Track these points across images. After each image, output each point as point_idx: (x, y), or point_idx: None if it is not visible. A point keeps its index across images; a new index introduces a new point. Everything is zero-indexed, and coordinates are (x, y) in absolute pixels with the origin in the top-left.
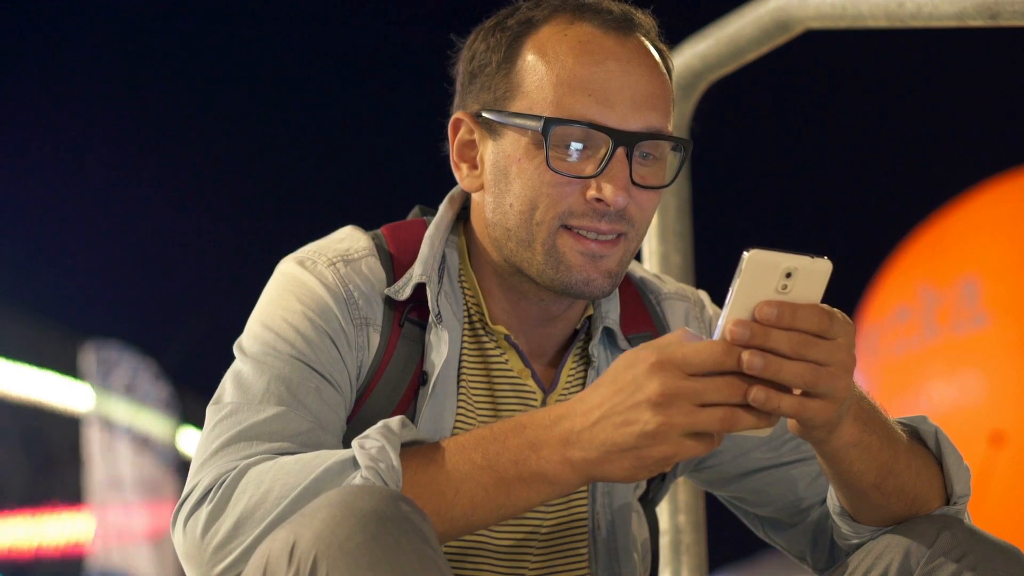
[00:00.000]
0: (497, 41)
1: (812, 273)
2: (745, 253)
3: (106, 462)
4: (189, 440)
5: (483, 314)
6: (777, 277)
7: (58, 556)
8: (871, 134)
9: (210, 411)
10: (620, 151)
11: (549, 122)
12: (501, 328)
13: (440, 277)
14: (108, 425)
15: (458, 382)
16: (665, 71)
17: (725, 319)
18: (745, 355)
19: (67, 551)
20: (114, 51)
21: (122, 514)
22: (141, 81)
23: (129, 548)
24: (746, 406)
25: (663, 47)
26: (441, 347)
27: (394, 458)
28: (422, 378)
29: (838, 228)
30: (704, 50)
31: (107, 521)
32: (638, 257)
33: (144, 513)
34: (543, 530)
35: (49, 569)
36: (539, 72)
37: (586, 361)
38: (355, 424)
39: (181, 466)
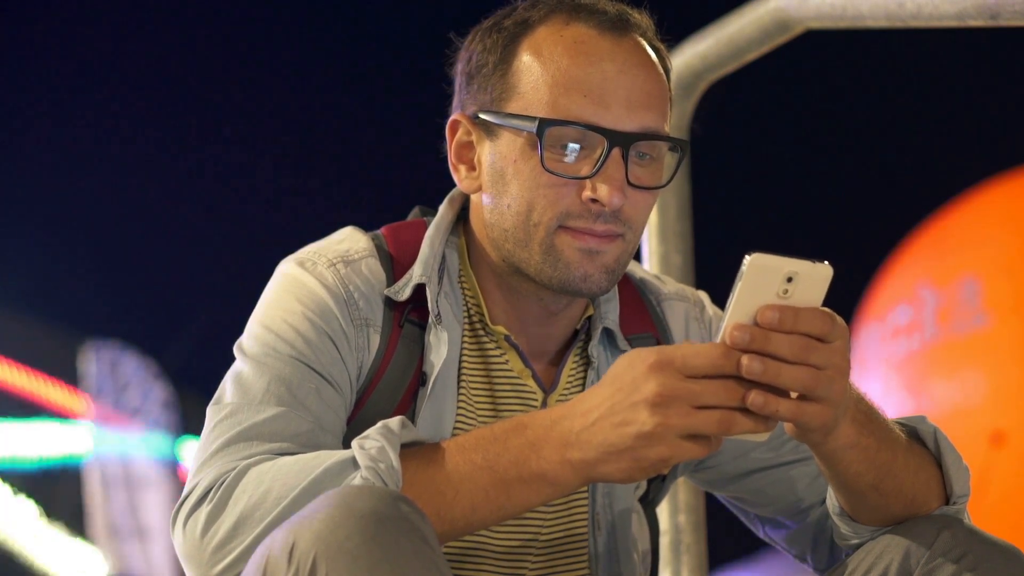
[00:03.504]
0: (494, 42)
1: (813, 278)
2: (747, 257)
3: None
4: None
5: (483, 314)
6: (778, 282)
7: None
8: (871, 134)
9: (210, 411)
10: (616, 152)
11: (544, 123)
12: (501, 328)
13: (440, 278)
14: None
15: (458, 382)
16: (662, 71)
17: (726, 323)
18: (744, 359)
19: None
20: (113, 50)
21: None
22: (140, 81)
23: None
24: (744, 409)
25: (660, 46)
26: (440, 347)
27: (394, 458)
28: (421, 378)
29: (838, 228)
30: (704, 50)
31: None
32: (637, 257)
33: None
34: (543, 531)
35: None
36: (534, 73)
37: (586, 361)
38: (355, 425)
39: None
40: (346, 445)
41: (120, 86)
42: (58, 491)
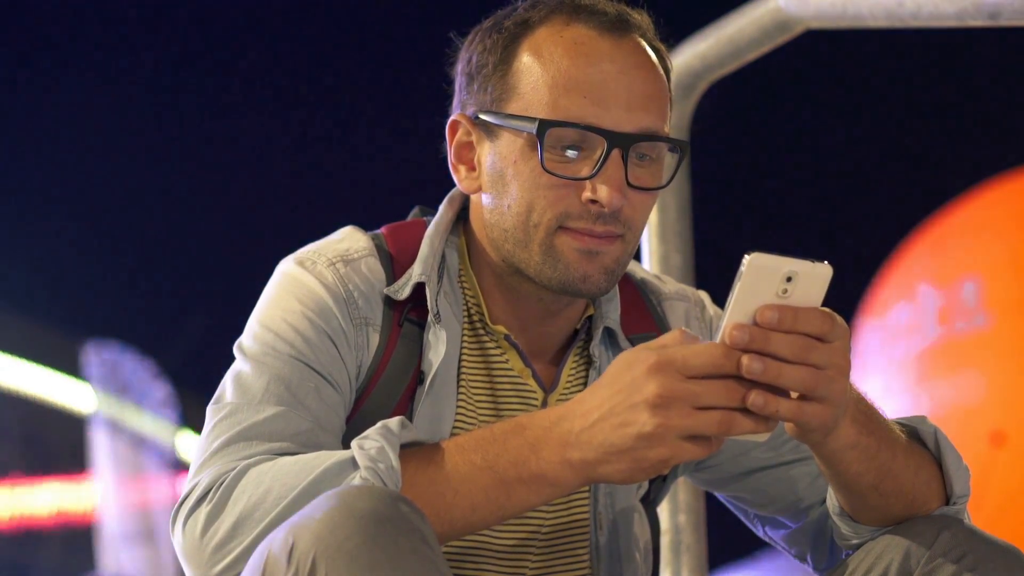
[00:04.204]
0: (494, 43)
1: (813, 277)
2: (746, 257)
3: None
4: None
5: (483, 314)
6: (778, 281)
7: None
8: (871, 134)
9: (210, 411)
10: (615, 153)
11: (544, 124)
12: (501, 328)
13: (440, 277)
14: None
15: (458, 382)
16: (662, 71)
17: (725, 322)
18: (744, 359)
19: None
20: (114, 50)
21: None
22: (141, 80)
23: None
24: (744, 410)
25: (660, 47)
26: (439, 346)
27: (393, 459)
28: (419, 377)
29: (838, 228)
30: (704, 50)
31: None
32: (637, 257)
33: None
34: (544, 531)
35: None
36: (534, 74)
37: (587, 361)
38: (355, 424)
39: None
40: (346, 445)
41: (121, 86)
42: None
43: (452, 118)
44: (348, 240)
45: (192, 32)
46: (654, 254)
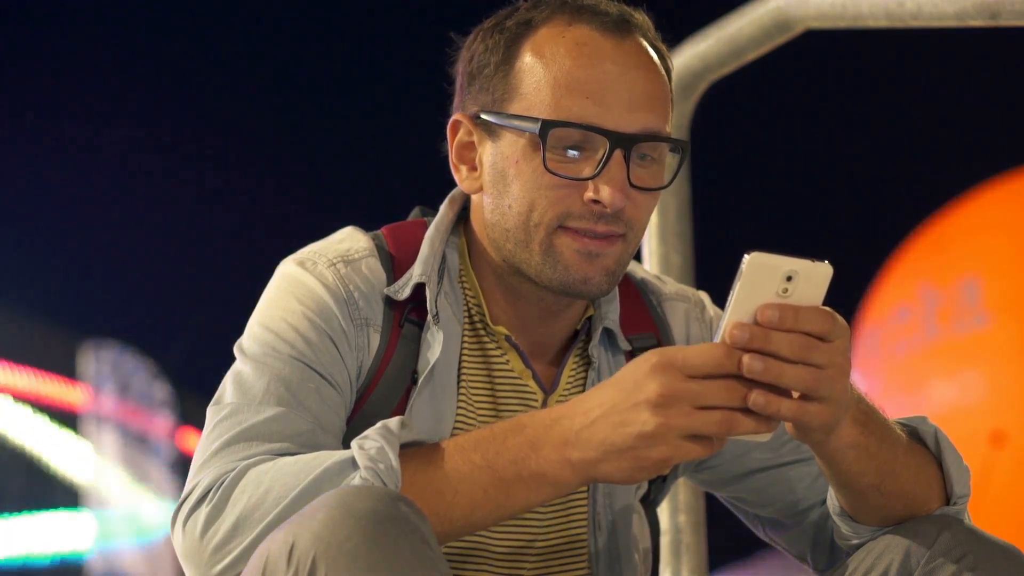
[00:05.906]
0: (496, 42)
1: (813, 276)
2: (746, 256)
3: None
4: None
5: (484, 314)
6: (778, 280)
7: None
8: (871, 134)
9: (210, 412)
10: (617, 153)
11: (546, 124)
12: (502, 328)
13: (440, 277)
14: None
15: (459, 382)
16: (663, 72)
17: (726, 322)
18: (745, 359)
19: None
20: (113, 50)
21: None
22: (140, 81)
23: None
24: (746, 409)
25: (662, 47)
26: (435, 347)
27: (393, 459)
28: (413, 377)
29: (839, 228)
30: (704, 50)
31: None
32: (638, 258)
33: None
34: (542, 532)
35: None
36: (536, 74)
37: (587, 362)
38: (355, 424)
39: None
40: (346, 445)
41: (119, 85)
42: None
43: (453, 118)
44: (349, 240)
45: (191, 31)
46: (654, 254)
